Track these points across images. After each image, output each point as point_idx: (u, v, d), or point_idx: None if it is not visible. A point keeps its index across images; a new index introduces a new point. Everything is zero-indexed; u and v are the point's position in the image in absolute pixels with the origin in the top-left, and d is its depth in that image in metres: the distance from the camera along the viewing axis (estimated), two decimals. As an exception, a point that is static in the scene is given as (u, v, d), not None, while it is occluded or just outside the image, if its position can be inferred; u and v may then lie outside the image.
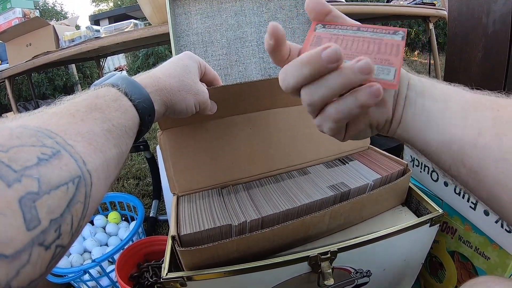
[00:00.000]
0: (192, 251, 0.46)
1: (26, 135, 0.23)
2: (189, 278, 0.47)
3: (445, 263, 0.68)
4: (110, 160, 0.30)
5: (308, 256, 0.49)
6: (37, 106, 3.09)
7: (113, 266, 1.02)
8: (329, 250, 0.49)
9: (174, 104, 0.44)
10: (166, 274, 0.48)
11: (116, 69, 6.04)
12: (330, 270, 0.49)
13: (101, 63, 2.60)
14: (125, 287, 0.78)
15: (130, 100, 0.36)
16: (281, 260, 0.48)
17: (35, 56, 1.62)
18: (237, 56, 0.91)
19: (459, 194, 0.60)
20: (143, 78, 0.41)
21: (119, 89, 0.36)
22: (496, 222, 0.53)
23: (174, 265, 0.52)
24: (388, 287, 0.65)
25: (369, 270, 0.57)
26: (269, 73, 0.92)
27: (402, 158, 0.63)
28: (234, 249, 0.48)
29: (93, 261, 0.96)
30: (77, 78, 5.15)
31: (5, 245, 0.18)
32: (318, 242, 0.56)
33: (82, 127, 0.28)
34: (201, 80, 0.50)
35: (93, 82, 0.36)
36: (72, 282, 1.03)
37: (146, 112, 0.38)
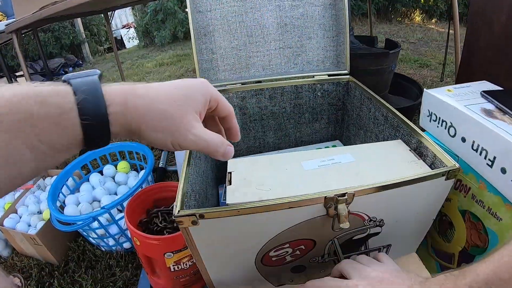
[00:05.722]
0: None
1: None
2: (201, 216, 0.46)
3: (455, 222, 0.67)
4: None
5: (325, 196, 0.48)
6: (45, 65, 2.86)
7: (121, 214, 1.03)
8: (346, 192, 0.48)
9: (141, 133, 0.36)
10: (178, 211, 0.47)
11: (124, 26, 5.89)
12: (346, 213, 0.49)
13: (109, 18, 2.53)
14: (134, 231, 0.79)
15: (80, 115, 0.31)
16: (297, 200, 0.48)
17: (42, 7, 1.57)
18: (252, 3, 0.87)
19: (476, 150, 0.58)
20: (117, 91, 0.34)
21: (76, 95, 0.31)
22: (514, 181, 0.52)
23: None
24: (398, 240, 0.65)
25: (382, 220, 0.56)
26: (285, 21, 0.88)
27: (417, 120, 0.60)
28: None
29: (102, 208, 0.96)
30: (84, 36, 5.07)
31: None
32: (334, 185, 0.55)
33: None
34: (212, 114, 0.44)
35: (100, 40, 0.31)
36: (80, 230, 1.04)
37: (94, 133, 0.33)
